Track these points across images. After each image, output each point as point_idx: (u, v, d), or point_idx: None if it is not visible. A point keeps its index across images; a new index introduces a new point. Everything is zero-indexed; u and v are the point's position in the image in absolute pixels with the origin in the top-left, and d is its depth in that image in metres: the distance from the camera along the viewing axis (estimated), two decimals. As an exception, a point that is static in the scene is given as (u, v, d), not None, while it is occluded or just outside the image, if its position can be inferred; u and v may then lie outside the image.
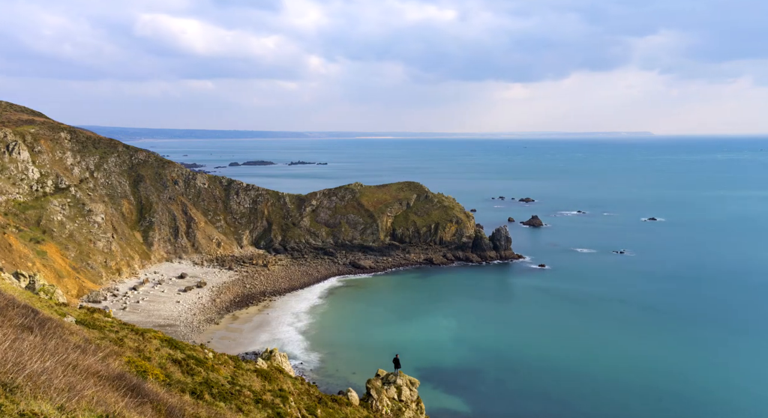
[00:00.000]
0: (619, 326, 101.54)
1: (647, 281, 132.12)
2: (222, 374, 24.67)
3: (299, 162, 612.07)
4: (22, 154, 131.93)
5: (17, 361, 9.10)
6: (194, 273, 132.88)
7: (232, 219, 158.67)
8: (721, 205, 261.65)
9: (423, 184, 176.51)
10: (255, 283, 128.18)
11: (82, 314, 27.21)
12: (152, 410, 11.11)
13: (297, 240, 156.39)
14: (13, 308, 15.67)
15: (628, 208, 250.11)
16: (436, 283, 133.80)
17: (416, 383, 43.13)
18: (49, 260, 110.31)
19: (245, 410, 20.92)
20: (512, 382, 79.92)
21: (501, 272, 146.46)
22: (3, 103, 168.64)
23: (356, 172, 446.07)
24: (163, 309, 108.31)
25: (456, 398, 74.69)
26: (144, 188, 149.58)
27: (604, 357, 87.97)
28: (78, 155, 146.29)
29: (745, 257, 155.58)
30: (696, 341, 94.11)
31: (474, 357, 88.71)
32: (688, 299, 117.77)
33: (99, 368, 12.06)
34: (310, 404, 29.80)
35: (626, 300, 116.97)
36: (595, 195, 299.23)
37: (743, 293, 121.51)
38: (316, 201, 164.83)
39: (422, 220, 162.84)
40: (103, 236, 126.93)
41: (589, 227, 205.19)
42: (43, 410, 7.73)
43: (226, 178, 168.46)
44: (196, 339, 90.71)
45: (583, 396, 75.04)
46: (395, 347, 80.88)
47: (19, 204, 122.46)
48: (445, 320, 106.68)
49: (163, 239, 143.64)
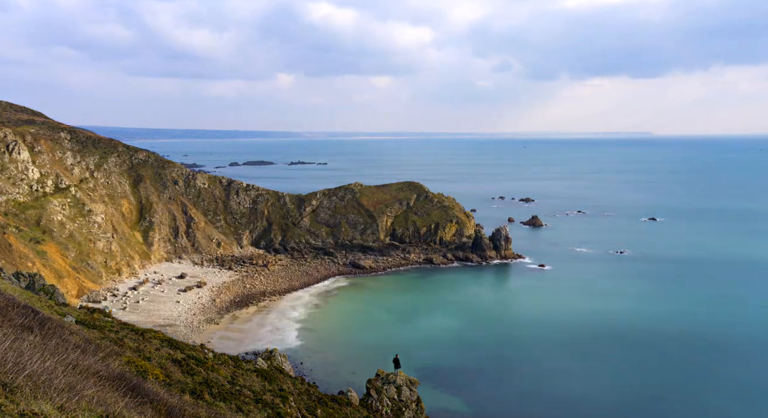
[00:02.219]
0: (619, 326, 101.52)
1: (647, 281, 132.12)
2: (222, 374, 24.67)
3: (299, 162, 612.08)
4: (22, 154, 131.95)
5: (17, 361, 9.10)
6: (194, 273, 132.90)
7: (232, 219, 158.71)
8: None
9: (423, 185, 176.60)
10: (255, 283, 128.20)
11: (82, 314, 27.21)
12: (152, 410, 11.11)
13: (297, 240, 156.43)
14: (13, 308, 15.68)
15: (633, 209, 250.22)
16: (436, 283, 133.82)
17: (416, 383, 43.14)
18: (49, 260, 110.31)
19: (245, 410, 20.92)
20: (512, 382, 79.92)
21: (501, 272, 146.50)
22: (3, 103, 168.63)
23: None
24: (163, 309, 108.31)
25: (456, 398, 74.68)
26: (144, 188, 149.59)
27: (604, 357, 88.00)
28: (78, 155, 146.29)
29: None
30: (696, 341, 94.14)
31: (474, 357, 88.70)
32: (689, 298, 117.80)
33: (99, 368, 12.06)
34: (310, 404, 29.81)
35: (626, 300, 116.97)
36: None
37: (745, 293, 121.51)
38: (316, 201, 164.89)
39: (422, 220, 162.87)
40: (103, 236, 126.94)
41: (589, 227, 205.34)
42: (43, 410, 7.73)
43: (226, 178, 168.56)
44: (196, 339, 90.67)
45: (583, 396, 75.04)
46: (395, 347, 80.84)
47: (19, 204, 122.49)
48: (445, 320, 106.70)
49: (163, 239, 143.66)
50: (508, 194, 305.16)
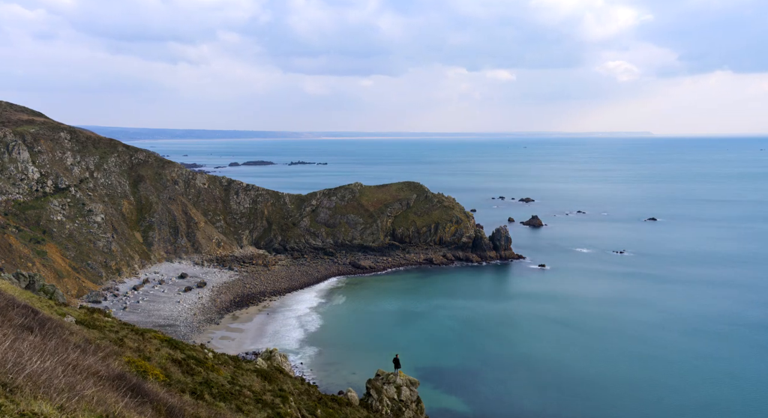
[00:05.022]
0: (619, 326, 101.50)
1: (647, 281, 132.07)
2: (222, 374, 24.66)
3: (299, 162, 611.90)
4: (22, 154, 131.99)
5: (17, 361, 9.09)
6: (194, 273, 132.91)
7: (232, 219, 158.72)
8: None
9: (423, 184, 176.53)
10: (255, 283, 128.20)
11: (82, 314, 27.20)
12: (152, 410, 11.11)
13: (297, 240, 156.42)
14: (13, 308, 15.68)
15: (630, 207, 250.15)
16: (436, 283, 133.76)
17: (416, 383, 43.09)
18: (49, 260, 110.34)
19: (245, 410, 20.92)
20: (512, 382, 79.89)
21: (501, 272, 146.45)
22: (3, 103, 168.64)
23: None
24: (164, 309, 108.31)
25: (456, 398, 74.69)
26: (144, 188, 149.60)
27: (605, 357, 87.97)
28: (78, 155, 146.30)
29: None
30: (696, 341, 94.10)
31: (474, 357, 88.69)
32: (688, 299, 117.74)
33: (99, 368, 12.06)
34: (310, 404, 29.81)
35: (626, 300, 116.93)
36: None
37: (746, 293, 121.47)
38: (315, 201, 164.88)
39: (422, 220, 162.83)
40: (103, 236, 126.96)
41: (589, 227, 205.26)
42: (43, 410, 7.73)
43: (226, 178, 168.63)
44: (196, 339, 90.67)
45: (583, 397, 75.01)
46: (395, 347, 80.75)
47: (19, 204, 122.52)
48: (445, 320, 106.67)
49: (163, 239, 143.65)
50: (508, 194, 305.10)
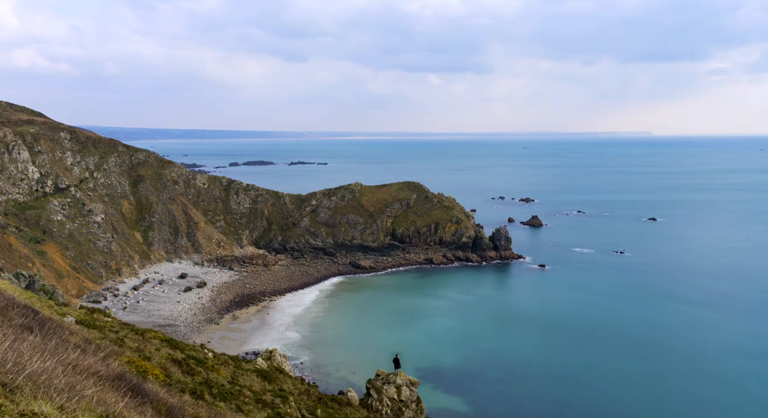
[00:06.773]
0: (619, 326, 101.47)
1: (647, 281, 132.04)
2: (222, 374, 24.66)
3: (299, 162, 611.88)
4: (22, 154, 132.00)
5: (17, 361, 9.09)
6: (194, 273, 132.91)
7: (232, 219, 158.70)
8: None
9: (423, 184, 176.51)
10: (255, 283, 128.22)
11: (82, 314, 27.19)
12: (152, 410, 11.10)
13: (297, 240, 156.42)
14: (13, 308, 15.67)
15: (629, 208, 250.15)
16: (436, 283, 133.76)
17: (416, 383, 43.08)
18: (49, 260, 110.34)
19: (245, 410, 20.91)
20: (512, 382, 79.90)
21: (501, 272, 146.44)
22: (3, 103, 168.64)
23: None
24: (164, 309, 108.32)
25: (456, 398, 74.68)
26: (144, 188, 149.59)
27: (605, 357, 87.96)
28: (78, 155, 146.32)
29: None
30: (696, 341, 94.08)
31: (474, 357, 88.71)
32: (688, 299, 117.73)
33: (99, 368, 12.05)
34: (310, 404, 29.80)
35: (626, 300, 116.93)
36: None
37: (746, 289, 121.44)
38: (315, 201, 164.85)
39: (422, 220, 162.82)
40: (103, 236, 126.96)
41: (589, 227, 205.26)
42: (43, 410, 7.72)
43: (226, 178, 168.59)
44: (196, 339, 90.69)
45: (583, 397, 75.03)
46: (395, 347, 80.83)
47: (19, 204, 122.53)
48: (445, 320, 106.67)
49: (163, 239, 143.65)
50: (508, 194, 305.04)
